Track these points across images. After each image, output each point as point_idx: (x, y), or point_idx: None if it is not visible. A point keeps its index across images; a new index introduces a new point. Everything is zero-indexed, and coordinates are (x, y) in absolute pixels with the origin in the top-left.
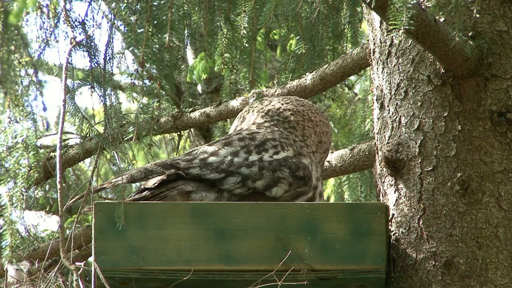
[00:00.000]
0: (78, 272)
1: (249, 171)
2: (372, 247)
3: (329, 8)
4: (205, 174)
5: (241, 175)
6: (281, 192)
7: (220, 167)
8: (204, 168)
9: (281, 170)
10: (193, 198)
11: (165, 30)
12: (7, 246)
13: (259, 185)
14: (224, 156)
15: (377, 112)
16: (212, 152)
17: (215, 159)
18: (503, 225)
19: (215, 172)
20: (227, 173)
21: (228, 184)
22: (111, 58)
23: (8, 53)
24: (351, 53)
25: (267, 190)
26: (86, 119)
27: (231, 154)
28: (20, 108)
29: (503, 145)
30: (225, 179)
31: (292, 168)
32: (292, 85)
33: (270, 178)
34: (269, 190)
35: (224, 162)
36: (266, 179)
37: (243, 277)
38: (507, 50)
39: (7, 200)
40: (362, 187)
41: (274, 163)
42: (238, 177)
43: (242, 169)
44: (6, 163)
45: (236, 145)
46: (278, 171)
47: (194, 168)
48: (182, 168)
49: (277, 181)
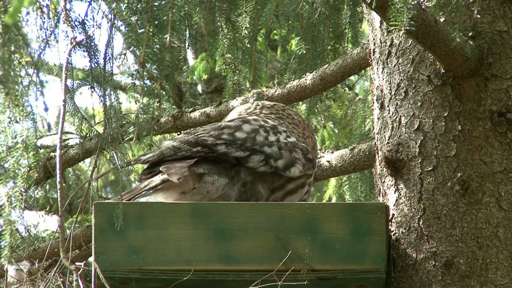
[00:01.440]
0: (78, 272)
1: (270, 150)
2: (372, 247)
3: (329, 9)
4: (231, 152)
5: (264, 153)
6: (297, 172)
7: (244, 145)
8: (229, 146)
9: (296, 151)
10: (206, 180)
11: (166, 31)
12: (6, 246)
13: (280, 164)
14: (247, 132)
15: (377, 112)
16: (235, 127)
17: (240, 135)
18: (503, 225)
19: (240, 150)
20: (251, 151)
21: (253, 162)
22: (111, 58)
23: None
24: (351, 53)
25: (287, 169)
26: (85, 119)
27: (253, 132)
28: (20, 108)
29: (503, 145)
30: (249, 157)
31: (303, 150)
32: (292, 85)
33: (288, 158)
34: (288, 169)
35: (247, 140)
36: (285, 159)
37: (243, 277)
38: (507, 50)
39: (6, 200)
40: (362, 187)
41: (289, 144)
42: (261, 156)
43: (265, 148)
44: (6, 163)
45: (254, 124)
46: (294, 152)
47: (221, 146)
48: (210, 145)
49: (294, 161)
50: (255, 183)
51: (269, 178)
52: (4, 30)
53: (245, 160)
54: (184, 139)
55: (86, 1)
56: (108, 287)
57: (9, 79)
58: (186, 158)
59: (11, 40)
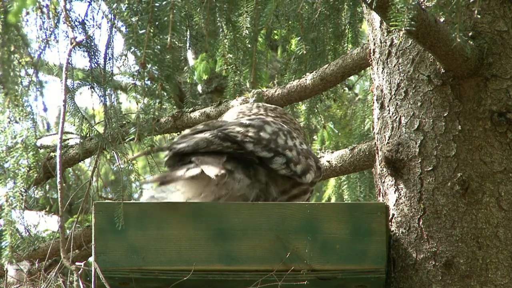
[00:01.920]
0: (78, 272)
1: (291, 154)
2: (372, 247)
3: (330, 9)
4: (257, 151)
5: (286, 157)
6: (310, 179)
7: (269, 146)
8: (256, 145)
9: (310, 158)
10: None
11: (167, 31)
12: (6, 246)
13: (299, 169)
14: (269, 133)
15: (377, 112)
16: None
17: (265, 136)
18: (503, 225)
19: (265, 151)
20: (275, 153)
21: (276, 164)
22: (111, 58)
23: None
24: (351, 53)
25: (303, 175)
26: (86, 119)
27: (274, 134)
28: (20, 108)
29: (503, 145)
30: (273, 159)
31: (315, 158)
32: (292, 85)
33: (305, 164)
34: (304, 175)
35: (271, 141)
36: (303, 165)
37: (243, 277)
38: (507, 50)
39: (6, 200)
40: (362, 187)
41: (304, 151)
42: (283, 159)
43: (286, 151)
44: (6, 163)
45: (273, 126)
46: (308, 159)
47: (249, 144)
48: (240, 142)
49: (309, 168)
50: (268, 185)
51: (280, 182)
52: (4, 30)
53: (269, 161)
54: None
55: (86, 1)
56: (108, 287)
57: (8, 79)
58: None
59: (11, 40)
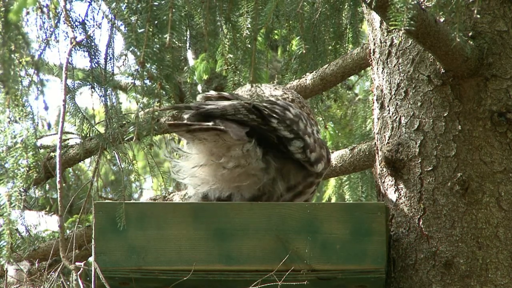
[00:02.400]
0: (78, 272)
1: (309, 140)
2: (372, 247)
3: (330, 9)
4: (280, 129)
5: (304, 141)
6: (321, 169)
7: (291, 127)
8: (280, 123)
9: (323, 148)
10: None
11: (166, 30)
12: (5, 246)
13: (313, 157)
14: (293, 115)
15: (377, 112)
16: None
17: (289, 116)
18: (503, 225)
19: (287, 131)
20: (295, 135)
21: (294, 146)
22: (112, 58)
23: (9, 52)
24: (351, 53)
25: (315, 164)
26: (86, 119)
27: (296, 117)
28: (20, 108)
29: (503, 145)
30: (293, 140)
31: (327, 150)
32: (292, 85)
33: (319, 152)
34: (316, 164)
35: (294, 123)
36: (317, 153)
37: (243, 277)
38: (507, 50)
39: (6, 200)
40: (363, 187)
41: (319, 140)
42: (302, 143)
43: (306, 136)
44: (6, 163)
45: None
46: (322, 149)
47: (275, 119)
48: (266, 116)
49: (321, 158)
50: (275, 181)
51: (287, 176)
52: (4, 29)
53: (288, 142)
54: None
55: (86, 1)
56: (108, 287)
57: (9, 78)
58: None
59: (12, 39)
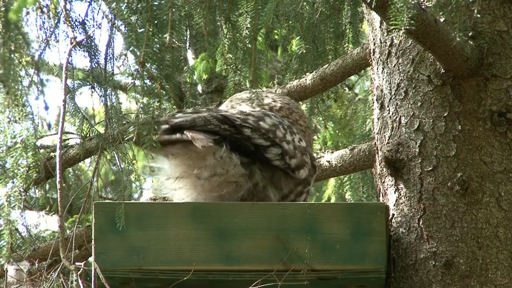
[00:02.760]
0: (78, 272)
1: (288, 147)
2: (372, 247)
3: (330, 9)
4: (254, 138)
5: (282, 148)
6: (304, 175)
7: (267, 135)
8: (254, 132)
9: (306, 155)
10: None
11: (166, 30)
12: (4, 246)
13: (293, 163)
14: (269, 124)
15: (377, 112)
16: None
17: (264, 125)
18: (503, 225)
19: (262, 139)
20: (272, 143)
21: (271, 153)
22: (112, 58)
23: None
24: (351, 53)
25: (297, 170)
26: (86, 119)
27: (274, 126)
28: (20, 108)
29: (503, 145)
30: (269, 148)
31: (311, 156)
32: (292, 85)
33: (300, 159)
34: (298, 170)
35: (269, 131)
36: (298, 159)
37: (243, 277)
38: (507, 50)
39: (5, 200)
40: (364, 187)
41: (301, 147)
42: (279, 149)
43: (283, 144)
44: (6, 164)
45: (274, 119)
46: (304, 156)
47: (248, 129)
48: (238, 126)
49: (304, 164)
50: (266, 188)
51: (279, 184)
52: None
53: (264, 150)
54: (212, 114)
55: (86, 1)
56: (108, 287)
57: (9, 78)
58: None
59: (12, 39)
